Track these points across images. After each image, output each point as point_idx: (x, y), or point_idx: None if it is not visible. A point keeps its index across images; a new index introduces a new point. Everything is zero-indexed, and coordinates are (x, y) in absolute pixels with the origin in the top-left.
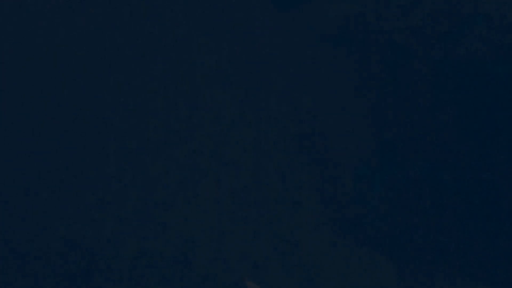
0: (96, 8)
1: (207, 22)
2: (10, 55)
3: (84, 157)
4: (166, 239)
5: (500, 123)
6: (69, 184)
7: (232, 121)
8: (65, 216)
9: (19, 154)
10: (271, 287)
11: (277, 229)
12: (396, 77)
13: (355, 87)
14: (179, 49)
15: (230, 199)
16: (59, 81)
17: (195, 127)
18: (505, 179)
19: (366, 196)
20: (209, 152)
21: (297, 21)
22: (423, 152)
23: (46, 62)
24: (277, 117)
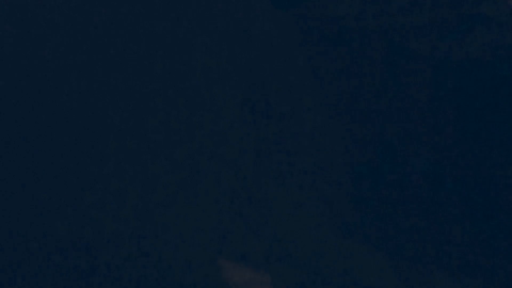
0: (96, 8)
1: (207, 22)
2: (10, 55)
3: (84, 157)
4: (166, 239)
5: (500, 123)
6: (69, 184)
7: (232, 121)
8: (65, 216)
9: (19, 154)
10: (272, 287)
11: (277, 230)
12: (396, 77)
13: (355, 86)
14: (179, 49)
15: (230, 199)
16: (58, 81)
17: (195, 127)
18: (505, 179)
19: (366, 196)
20: (209, 152)
21: (297, 21)
22: (423, 152)
23: (45, 62)
24: (277, 117)
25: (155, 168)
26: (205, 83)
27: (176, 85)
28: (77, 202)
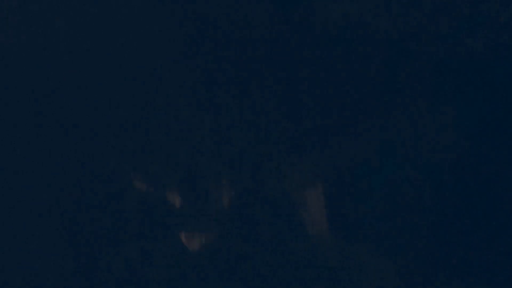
0: (97, 9)
1: (207, 22)
2: (11, 55)
3: (84, 157)
4: (166, 239)
5: (500, 122)
6: (69, 184)
7: (232, 121)
8: (65, 216)
9: (19, 154)
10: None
11: (277, 229)
12: (396, 77)
13: (355, 86)
14: (179, 49)
15: (230, 199)
16: (58, 81)
17: (195, 127)
18: (505, 179)
19: (366, 196)
20: (209, 152)
21: (297, 21)
22: (423, 152)
23: (46, 62)
24: (277, 117)
25: (155, 168)
26: (205, 83)
27: (176, 85)
28: (77, 202)
